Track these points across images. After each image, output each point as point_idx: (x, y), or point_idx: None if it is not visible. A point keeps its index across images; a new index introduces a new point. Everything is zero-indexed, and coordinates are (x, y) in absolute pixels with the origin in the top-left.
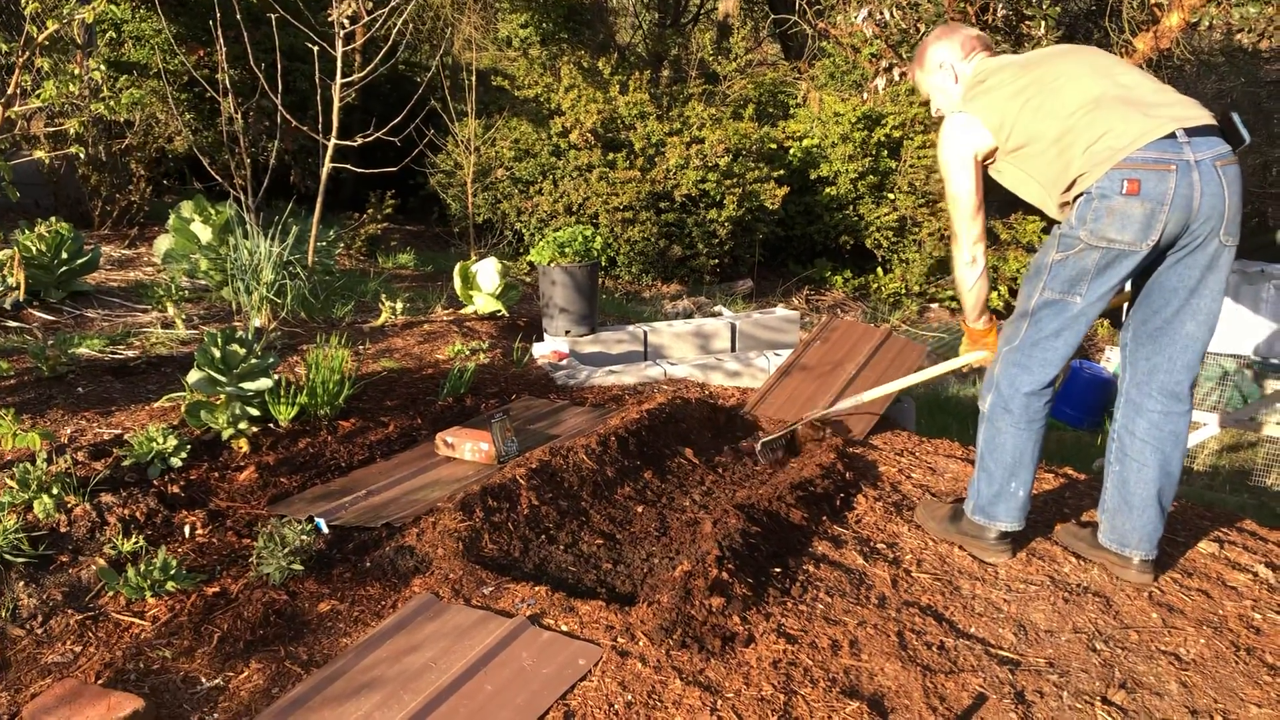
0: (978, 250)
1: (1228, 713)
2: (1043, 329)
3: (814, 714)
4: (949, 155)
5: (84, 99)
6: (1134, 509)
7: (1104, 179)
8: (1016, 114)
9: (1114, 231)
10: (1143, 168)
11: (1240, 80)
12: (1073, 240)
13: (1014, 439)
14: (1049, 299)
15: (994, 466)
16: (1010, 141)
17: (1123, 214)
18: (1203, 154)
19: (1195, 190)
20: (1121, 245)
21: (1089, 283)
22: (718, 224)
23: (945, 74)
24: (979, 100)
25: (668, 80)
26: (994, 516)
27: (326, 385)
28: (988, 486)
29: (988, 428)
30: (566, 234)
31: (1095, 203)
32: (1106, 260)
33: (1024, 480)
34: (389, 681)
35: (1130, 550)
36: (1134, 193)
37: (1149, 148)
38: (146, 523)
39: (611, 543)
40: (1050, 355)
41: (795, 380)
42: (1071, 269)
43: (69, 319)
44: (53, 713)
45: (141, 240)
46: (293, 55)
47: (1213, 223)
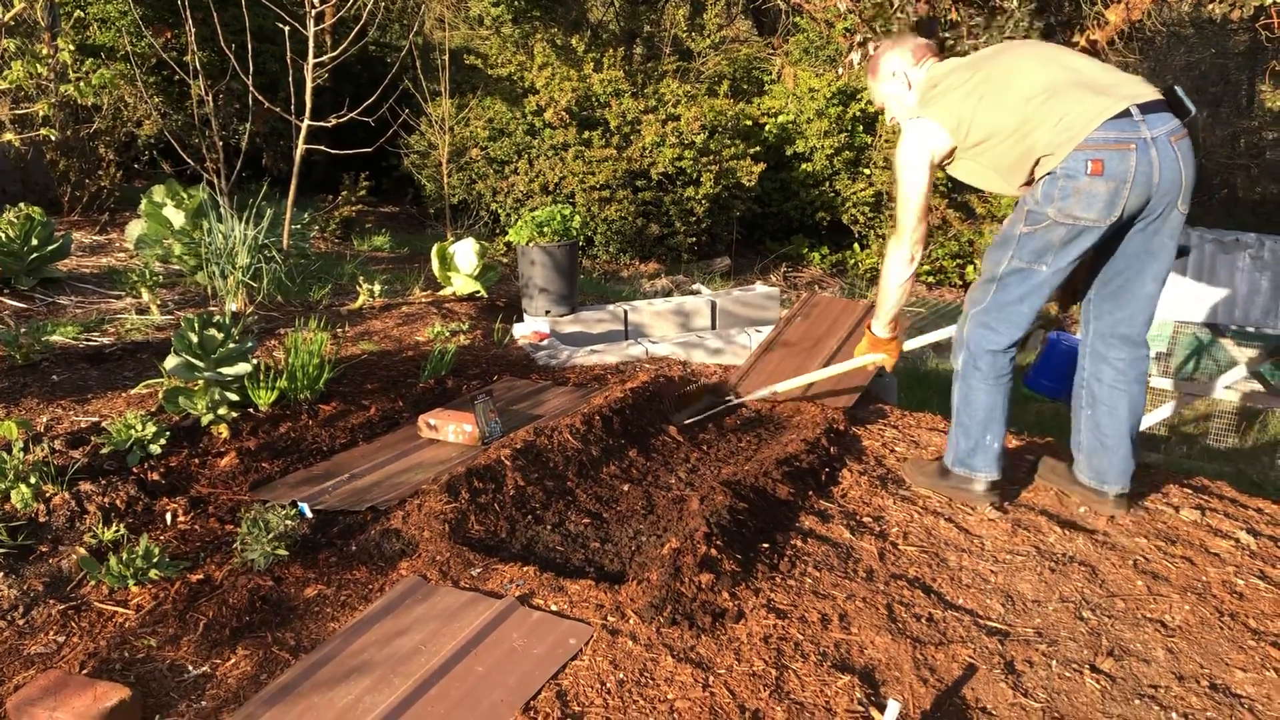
0: (917, 250)
1: (1213, 678)
2: (1009, 294)
3: (806, 688)
4: (907, 158)
5: (51, 82)
6: (1108, 449)
7: (1068, 159)
8: (973, 112)
9: (1080, 209)
10: (1105, 148)
11: (1210, 51)
12: (1040, 216)
13: (985, 394)
14: (1016, 267)
15: (969, 421)
16: (970, 138)
17: (1088, 193)
18: (1157, 130)
19: (1154, 167)
20: (1087, 221)
21: (1054, 254)
22: (695, 202)
23: (899, 81)
24: (936, 104)
25: (641, 57)
26: (973, 467)
27: (306, 369)
28: (965, 440)
29: (961, 384)
30: (545, 213)
31: (1061, 182)
32: (1072, 235)
33: (997, 433)
34: (378, 665)
35: (1108, 486)
36: (1098, 173)
37: (1108, 127)
38: (127, 511)
39: (599, 522)
40: (1015, 318)
41: (777, 356)
42: (1038, 242)
43: (41, 306)
44: (38, 704)
45: (113, 226)
46: (262, 36)
47: (1171, 195)
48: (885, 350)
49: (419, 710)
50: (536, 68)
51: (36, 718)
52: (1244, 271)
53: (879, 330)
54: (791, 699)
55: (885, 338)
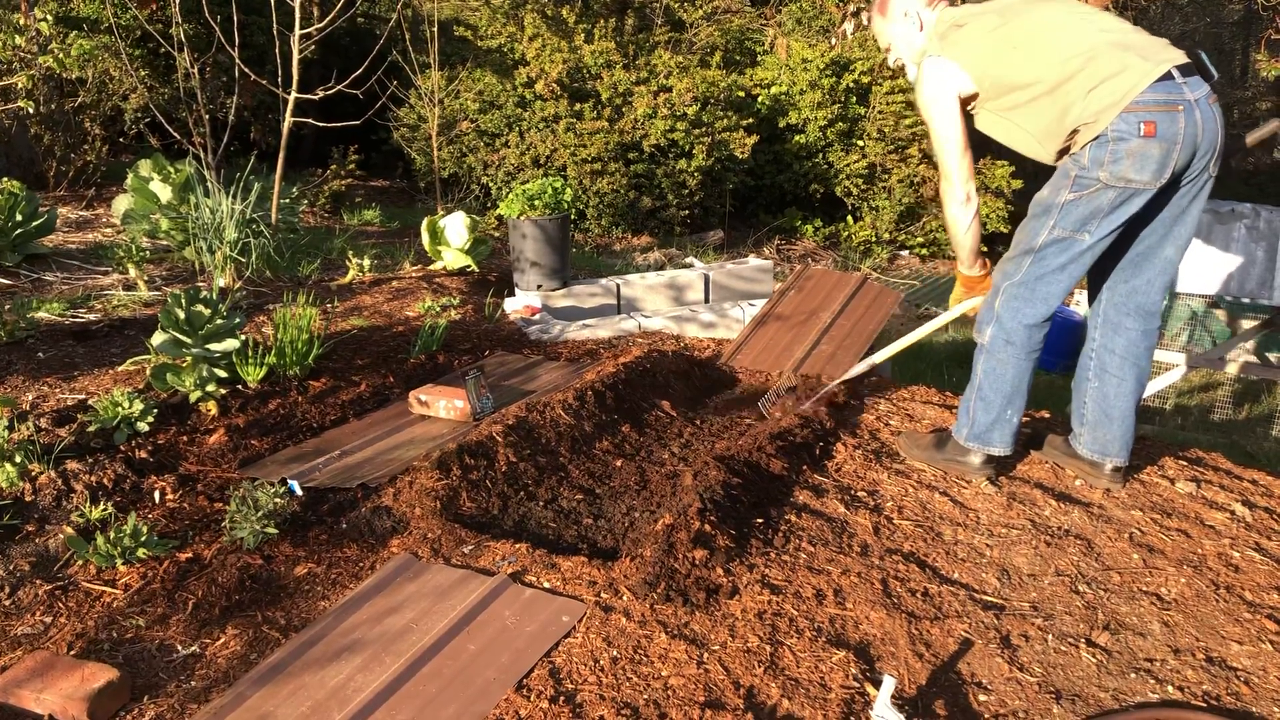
0: (970, 187)
1: (1209, 651)
2: (1048, 264)
3: (801, 664)
4: (932, 96)
5: (32, 54)
6: (1114, 420)
7: (1118, 122)
8: (1003, 61)
9: (1133, 172)
10: (1155, 109)
11: (1205, 20)
12: (1089, 181)
13: (1015, 369)
14: (1057, 237)
15: (993, 395)
16: (997, 89)
17: (1141, 154)
18: (1197, 92)
19: (1199, 128)
20: (1138, 184)
21: (1100, 220)
22: (687, 174)
23: (910, 22)
24: (959, 45)
25: (633, 28)
26: (989, 442)
27: (295, 345)
28: (985, 414)
29: (988, 359)
30: (536, 186)
31: (1112, 145)
32: (1121, 199)
33: (1019, 408)
34: (370, 644)
35: (1109, 458)
36: (1151, 134)
37: (1155, 89)
38: (115, 489)
39: (591, 498)
40: (1054, 289)
41: (771, 329)
42: (1085, 208)
43: (26, 283)
44: (25, 685)
45: (99, 201)
46: (249, 8)
47: (1208, 157)
48: (980, 290)
49: (411, 689)
50: (527, 39)
51: (24, 699)
52: (1239, 242)
53: (970, 270)
54: (786, 675)
55: (978, 275)
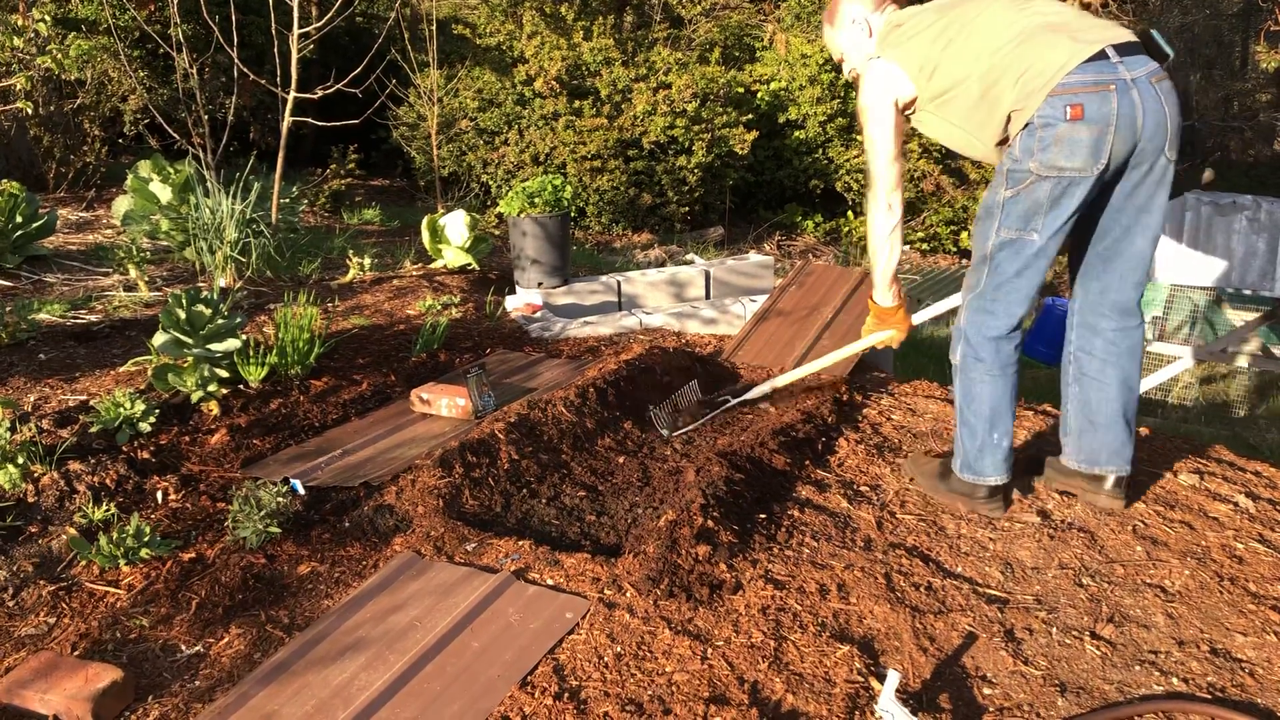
0: (895, 197)
1: (1214, 642)
2: (1004, 271)
3: (805, 659)
4: (868, 101)
5: (30, 55)
6: (1099, 426)
7: (1044, 107)
8: (938, 58)
9: (1063, 159)
10: (1082, 91)
11: (1204, 12)
12: (1022, 174)
13: (990, 387)
14: (1006, 239)
15: (974, 419)
16: (932, 86)
17: (1070, 140)
18: (1137, 71)
19: (1137, 108)
20: (1072, 172)
21: (1044, 216)
22: (687, 171)
23: (859, 29)
24: (899, 46)
25: (632, 25)
26: (981, 472)
27: (296, 344)
28: (971, 441)
29: (962, 379)
30: (536, 184)
31: (1040, 132)
32: (1059, 190)
33: (1005, 429)
34: (374, 642)
35: (1101, 468)
36: (1078, 117)
37: (1084, 69)
38: (117, 490)
39: (594, 494)
40: (1015, 296)
41: (772, 325)
42: (1024, 204)
43: (27, 284)
44: (29, 686)
45: (99, 202)
46: (247, 8)
47: (1157, 140)
48: (893, 324)
49: (415, 687)
50: (525, 36)
51: (28, 700)
52: (1240, 234)
53: (880, 299)
54: (790, 670)
55: (890, 306)
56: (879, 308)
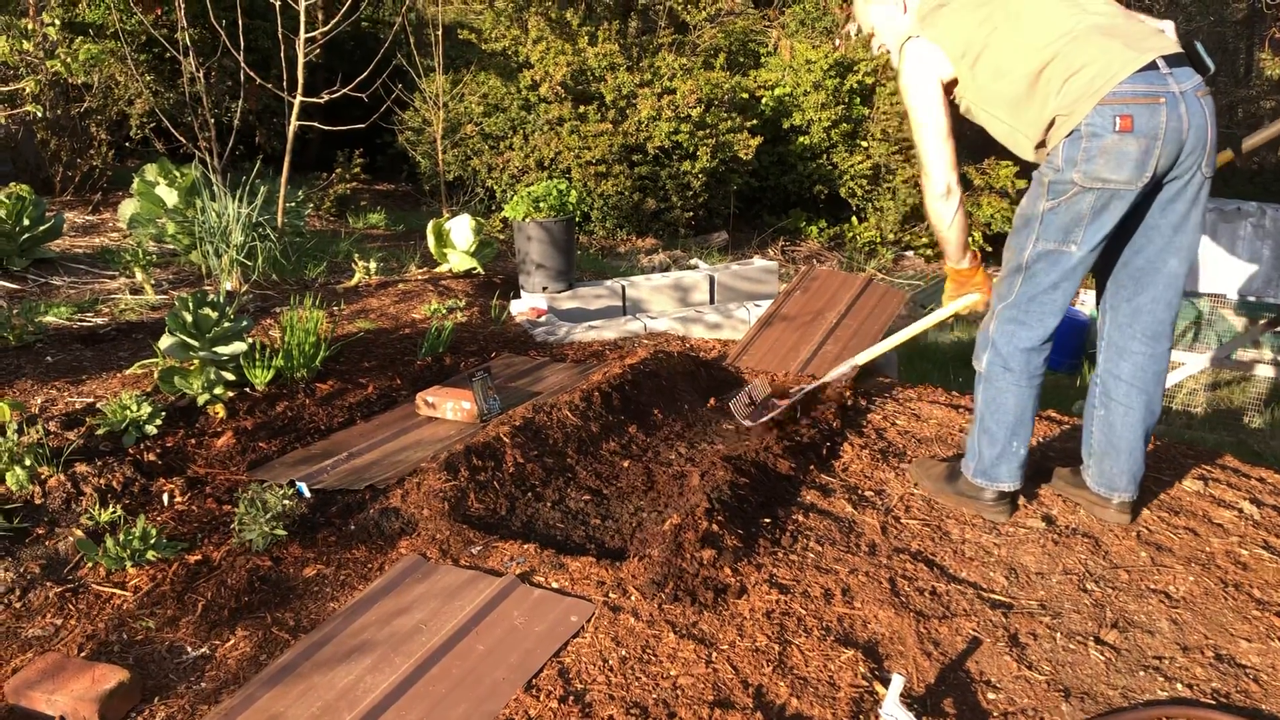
0: (952, 178)
1: (1218, 648)
2: (1039, 282)
3: (809, 663)
4: (911, 80)
5: (39, 59)
6: (1121, 452)
7: (1093, 115)
8: (984, 43)
9: (1109, 171)
10: (1133, 102)
11: (1209, 19)
12: (1063, 185)
13: (1016, 397)
14: (1044, 250)
15: (995, 427)
16: (975, 74)
17: (1117, 152)
18: (1185, 84)
19: (1184, 123)
20: (1117, 184)
21: (1084, 228)
22: (691, 176)
23: (891, 5)
24: (939, 24)
25: (637, 31)
26: (996, 478)
27: (302, 347)
28: (990, 448)
29: (987, 388)
30: (541, 188)
31: (1085, 142)
32: (1101, 202)
33: (1024, 438)
34: (379, 644)
35: (1117, 493)
36: (1128, 129)
37: (1135, 79)
38: (124, 492)
39: (599, 498)
40: (1048, 308)
41: (777, 330)
42: (1065, 216)
43: (34, 287)
44: (36, 687)
45: (105, 206)
46: (253, 13)
47: (1197, 155)
48: (974, 285)
49: (420, 689)
50: (531, 42)
51: (35, 701)
52: (1245, 240)
53: (958, 264)
54: (795, 674)
55: (968, 268)
56: (957, 271)
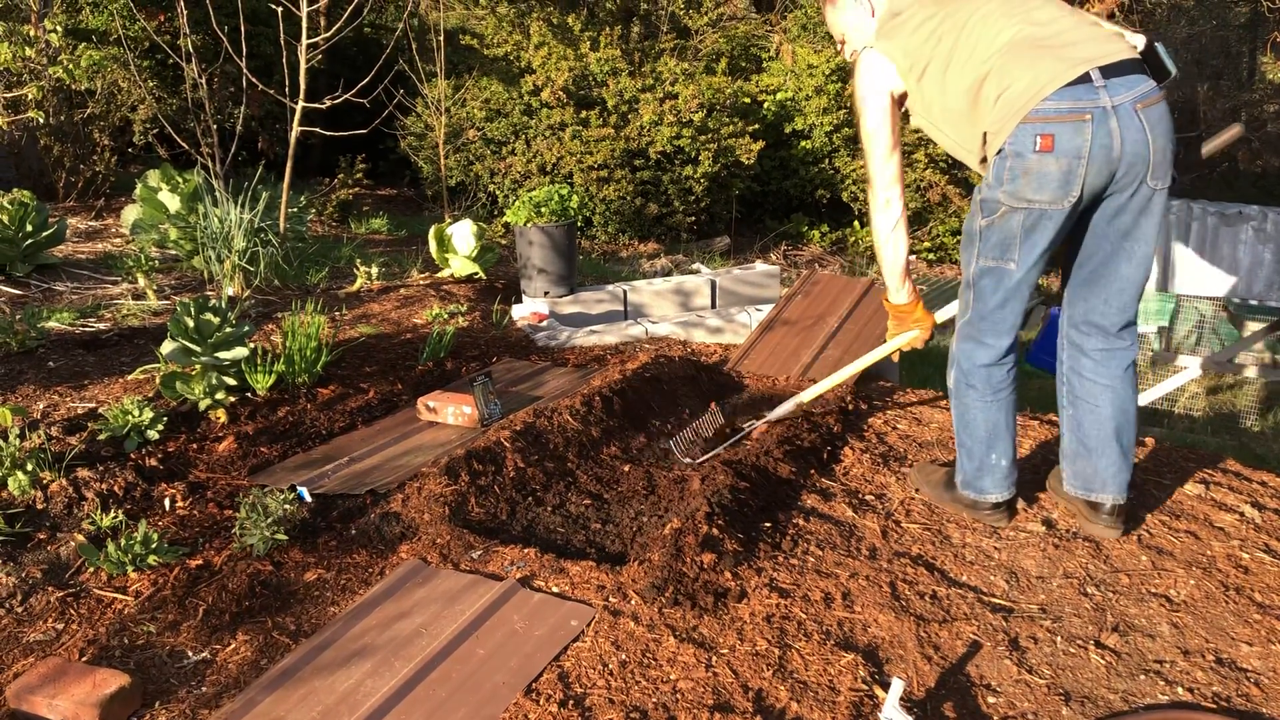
0: (893, 192)
1: (1219, 652)
2: (987, 300)
3: (809, 667)
4: (861, 92)
5: (42, 65)
6: (1092, 450)
7: (1015, 134)
8: (929, 57)
9: (1031, 191)
10: (1055, 120)
11: (1211, 23)
12: (994, 203)
13: (983, 413)
14: (986, 266)
15: (970, 442)
16: (921, 89)
17: (1039, 173)
18: (1121, 96)
19: (1115, 139)
20: (1041, 205)
21: (1019, 246)
22: (693, 181)
23: (861, 8)
24: (891, 37)
25: (639, 36)
26: (982, 490)
27: (304, 352)
28: (969, 461)
29: (956, 404)
30: (543, 193)
31: (1010, 161)
32: (1030, 222)
33: (1004, 449)
34: (380, 649)
35: (1096, 494)
36: (1048, 149)
37: (1060, 95)
38: (125, 497)
39: (599, 503)
40: (1000, 325)
41: (778, 335)
42: (999, 234)
43: (36, 292)
44: (37, 692)
45: (108, 211)
46: (256, 19)
47: (1138, 169)
48: (914, 322)
49: (420, 693)
50: (533, 47)
51: (36, 706)
52: (1247, 244)
53: (895, 297)
54: (795, 678)
55: (905, 303)
56: (895, 307)
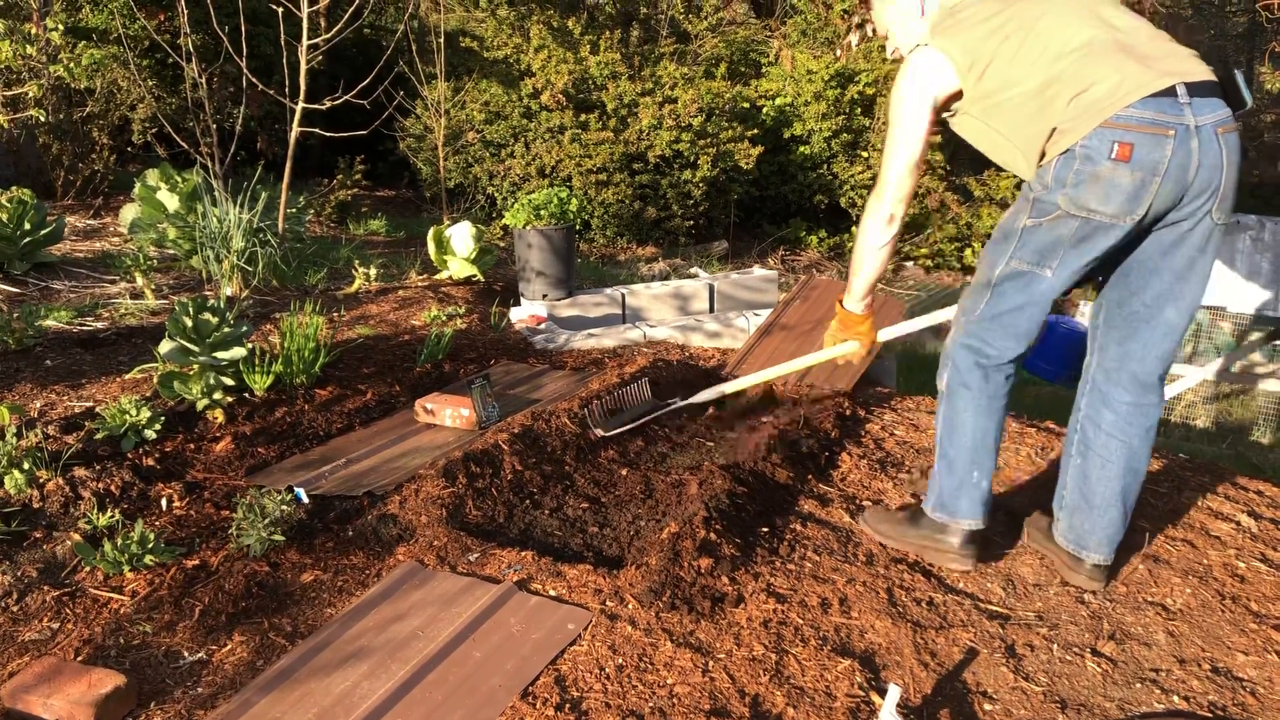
0: (900, 209)
1: (1215, 661)
2: (1005, 302)
3: (806, 672)
4: (905, 94)
5: (42, 63)
6: (1094, 508)
7: (1091, 137)
8: (992, 54)
9: (1095, 201)
10: (1137, 129)
11: (1209, 33)
12: (1049, 205)
13: (974, 419)
14: (1016, 269)
15: (954, 452)
16: (980, 87)
17: (1109, 181)
18: (1205, 118)
19: (1193, 160)
20: (1103, 217)
21: (1062, 255)
22: (692, 185)
23: (909, 4)
24: (950, 35)
25: (638, 40)
26: (956, 512)
27: (302, 353)
28: (949, 477)
29: (946, 407)
30: (542, 196)
31: (1078, 164)
32: (1084, 233)
33: (986, 468)
34: (376, 651)
35: (1087, 553)
36: (1124, 158)
37: (1144, 105)
38: (122, 496)
39: (597, 506)
40: (1012, 329)
41: (776, 339)
42: (1044, 237)
43: (34, 291)
44: (32, 691)
45: (106, 210)
46: (256, 19)
47: (1205, 198)
48: (857, 334)
49: (417, 696)
50: (533, 50)
51: (31, 705)
52: (1244, 254)
53: (851, 304)
54: (792, 683)
55: (858, 314)
56: (847, 314)
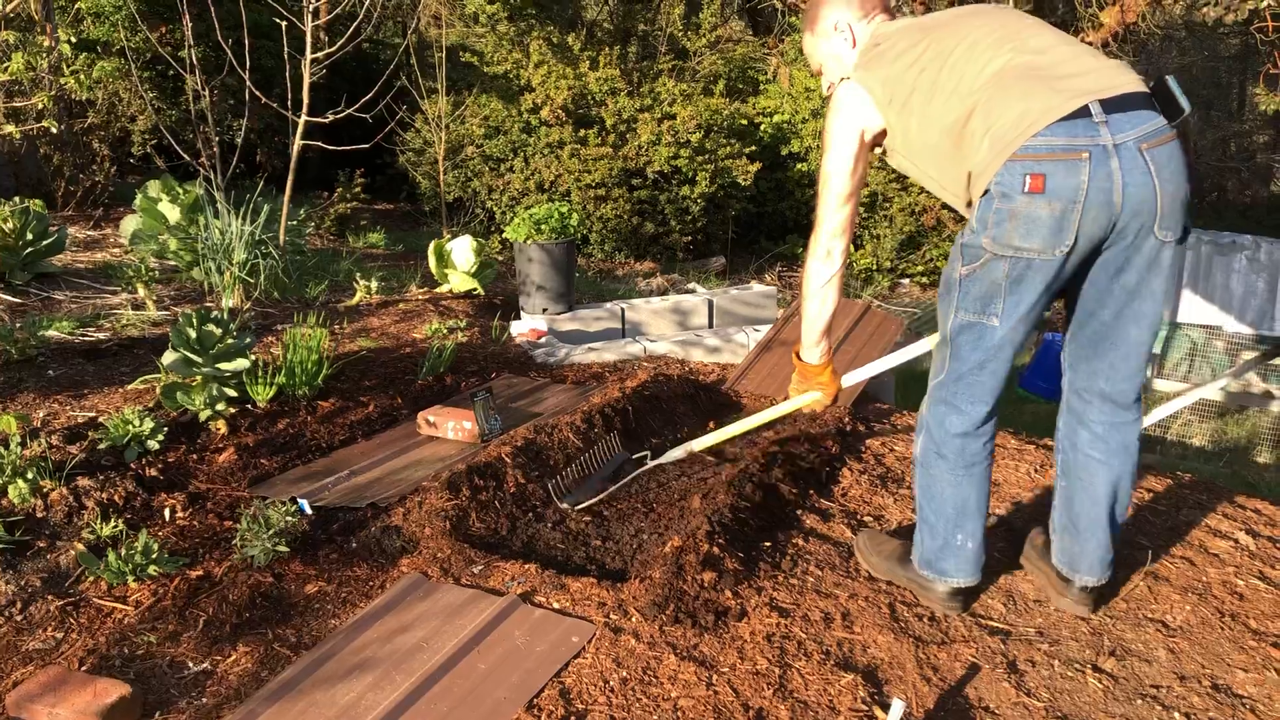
0: (837, 244)
1: (1215, 677)
2: (965, 360)
3: (809, 686)
4: (832, 127)
5: (48, 75)
6: (1080, 531)
7: (1003, 173)
8: (910, 88)
9: (1019, 238)
10: (1048, 158)
11: (1203, 54)
12: (977, 250)
13: (953, 488)
14: (965, 321)
15: (934, 518)
16: (901, 121)
17: (1027, 216)
18: (1124, 134)
19: (1115, 182)
20: (1030, 254)
21: (1002, 300)
22: (690, 201)
23: (841, 38)
24: (871, 68)
25: (637, 56)
26: (943, 572)
27: (304, 365)
28: (931, 539)
29: (922, 474)
30: (543, 211)
31: (996, 203)
32: (1017, 272)
33: (971, 531)
34: (380, 662)
35: (1079, 575)
36: (1038, 190)
37: (1053, 130)
38: (125, 506)
39: (600, 519)
40: (978, 391)
41: (776, 355)
42: (981, 284)
43: (36, 301)
44: (37, 701)
45: (107, 221)
46: (258, 32)
47: (1143, 218)
48: (818, 384)
49: (422, 708)
50: (532, 65)
51: (36, 714)
52: (1240, 273)
53: (807, 355)
54: (795, 698)
55: (816, 365)
56: (804, 365)
